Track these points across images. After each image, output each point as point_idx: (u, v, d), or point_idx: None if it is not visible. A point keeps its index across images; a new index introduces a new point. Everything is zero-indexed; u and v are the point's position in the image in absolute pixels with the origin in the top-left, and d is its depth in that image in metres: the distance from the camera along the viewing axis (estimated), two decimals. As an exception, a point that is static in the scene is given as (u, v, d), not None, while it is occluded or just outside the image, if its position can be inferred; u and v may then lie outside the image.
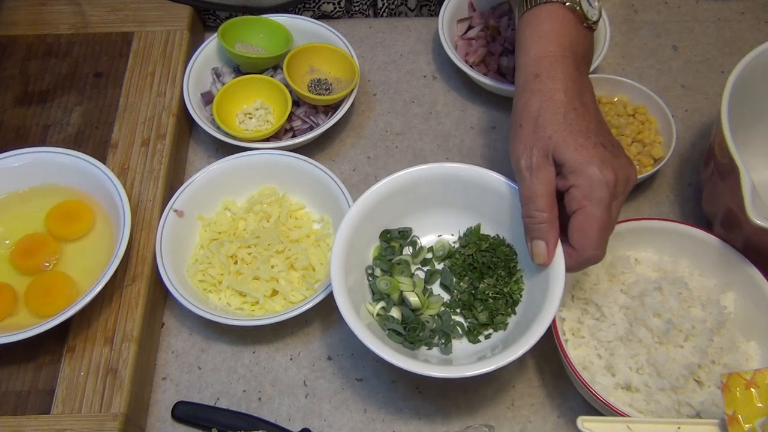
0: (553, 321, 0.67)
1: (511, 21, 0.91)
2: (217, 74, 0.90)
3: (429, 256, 0.76)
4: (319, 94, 0.86)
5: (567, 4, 0.69)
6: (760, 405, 0.56)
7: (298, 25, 0.91)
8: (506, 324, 0.71)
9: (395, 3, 1.00)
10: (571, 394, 0.72)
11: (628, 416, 0.64)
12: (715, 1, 0.99)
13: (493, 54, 0.89)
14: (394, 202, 0.73)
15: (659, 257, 0.74)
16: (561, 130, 0.64)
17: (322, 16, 0.97)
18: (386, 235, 0.74)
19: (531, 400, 0.72)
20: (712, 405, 0.66)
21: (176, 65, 0.88)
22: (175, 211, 0.77)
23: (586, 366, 0.69)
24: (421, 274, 0.75)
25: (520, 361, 0.74)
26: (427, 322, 0.71)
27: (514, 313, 0.71)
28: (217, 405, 0.72)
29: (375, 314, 0.71)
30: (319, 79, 0.87)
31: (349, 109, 0.86)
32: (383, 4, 0.99)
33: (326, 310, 0.77)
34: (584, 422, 0.59)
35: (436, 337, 0.71)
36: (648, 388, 0.67)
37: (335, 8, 0.97)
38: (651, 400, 0.66)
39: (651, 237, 0.74)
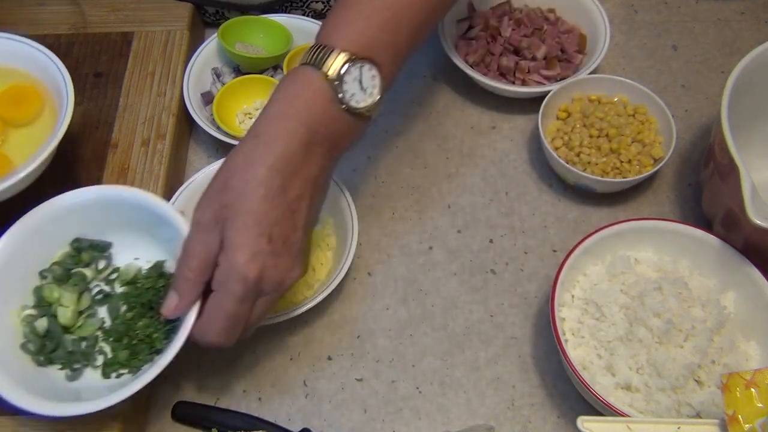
0: (554, 321, 0.67)
1: (512, 21, 0.91)
2: (217, 74, 0.90)
3: (114, 276, 0.72)
4: None
5: (328, 77, 0.62)
6: (760, 405, 0.56)
7: (298, 25, 0.91)
8: (138, 368, 0.67)
9: None
10: (571, 394, 0.72)
11: (628, 416, 0.64)
12: (715, 1, 0.99)
13: (493, 54, 0.89)
14: (97, 213, 0.70)
15: (659, 257, 0.74)
16: (239, 205, 0.60)
17: (313, 15, 0.97)
18: (77, 243, 0.71)
19: (531, 400, 0.72)
20: (712, 405, 0.66)
21: (176, 65, 0.88)
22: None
23: (586, 366, 0.69)
24: (98, 293, 0.71)
25: (520, 362, 0.74)
26: (70, 342, 0.68)
27: (149, 361, 0.67)
28: (217, 405, 0.72)
29: (21, 319, 0.68)
30: None
31: (349, 109, 0.86)
32: None
33: (327, 310, 0.77)
34: (584, 422, 0.59)
35: (74, 360, 0.67)
36: (648, 388, 0.67)
37: (325, 7, 0.97)
38: (651, 400, 0.66)
39: (651, 237, 0.74)
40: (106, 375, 0.67)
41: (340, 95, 0.62)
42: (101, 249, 0.72)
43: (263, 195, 0.60)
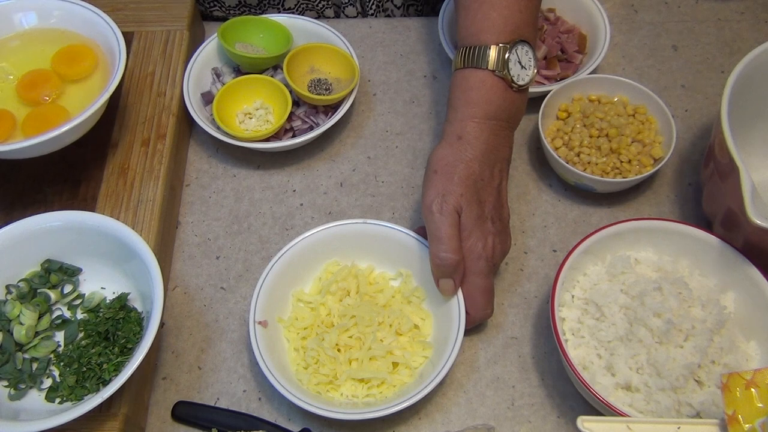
0: (554, 321, 0.67)
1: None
2: (217, 74, 0.90)
3: (77, 302, 0.73)
4: (319, 94, 0.86)
5: (496, 72, 0.72)
6: (760, 405, 0.56)
7: (298, 25, 0.91)
8: (81, 398, 0.67)
9: (381, 2, 0.99)
10: (571, 394, 0.72)
11: (628, 416, 0.64)
12: (715, 1, 0.99)
13: (493, 54, 0.89)
14: (69, 237, 0.72)
15: (659, 257, 0.74)
16: (468, 194, 0.70)
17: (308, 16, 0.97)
18: (47, 264, 0.73)
19: (531, 400, 0.72)
20: (712, 405, 0.66)
21: (176, 65, 0.88)
22: (259, 322, 0.71)
23: (586, 366, 0.69)
24: (58, 317, 0.72)
25: (520, 362, 0.74)
26: (21, 361, 0.68)
27: (96, 391, 0.66)
28: (217, 405, 0.72)
29: None
30: (319, 79, 0.87)
31: (349, 109, 0.86)
32: (371, 4, 0.99)
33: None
34: (584, 422, 0.59)
35: (20, 380, 0.68)
36: (648, 388, 0.67)
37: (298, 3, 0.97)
38: (651, 400, 0.66)
39: (651, 237, 0.74)
40: (49, 399, 0.67)
41: (512, 80, 0.72)
42: (70, 273, 0.74)
43: (480, 186, 0.71)
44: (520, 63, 0.73)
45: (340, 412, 0.66)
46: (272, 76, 0.88)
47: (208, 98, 0.88)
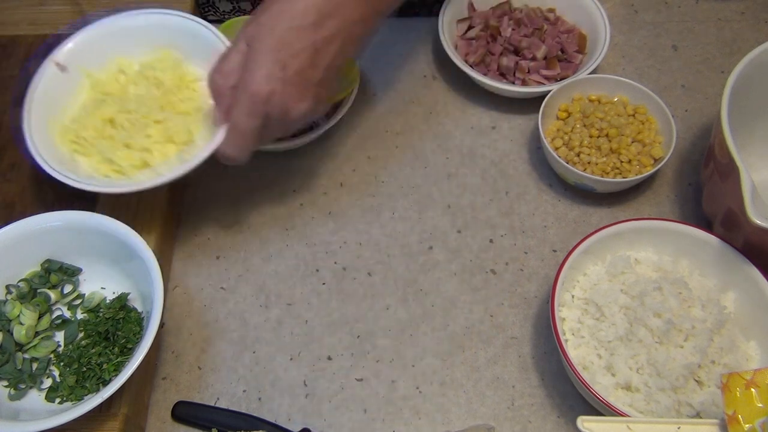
0: (554, 321, 0.67)
1: (512, 21, 0.91)
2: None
3: (77, 302, 0.73)
4: None
5: None
6: (760, 405, 0.56)
7: None
8: (81, 398, 0.67)
9: None
10: (571, 394, 0.72)
11: (628, 416, 0.64)
12: (715, 1, 0.99)
13: (493, 54, 0.89)
14: (69, 237, 0.72)
15: (659, 257, 0.74)
16: (267, 30, 0.63)
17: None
18: (47, 264, 0.73)
19: (531, 400, 0.72)
20: (712, 405, 0.66)
21: (176, 65, 0.88)
22: (57, 64, 0.69)
23: (586, 366, 0.69)
24: (58, 317, 0.72)
25: (520, 362, 0.74)
26: (21, 360, 0.68)
27: (96, 391, 0.66)
28: (217, 405, 0.73)
29: None
30: None
31: (349, 109, 0.86)
32: None
33: (327, 310, 0.77)
34: (584, 422, 0.59)
35: (21, 380, 0.68)
36: (648, 388, 0.67)
37: None
38: (651, 400, 0.66)
39: (651, 237, 0.74)
40: (49, 399, 0.67)
41: None
42: (70, 273, 0.74)
43: (291, 26, 0.63)
44: None
45: (56, 171, 0.67)
46: None
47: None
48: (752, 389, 0.57)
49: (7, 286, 0.72)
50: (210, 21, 0.98)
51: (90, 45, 0.73)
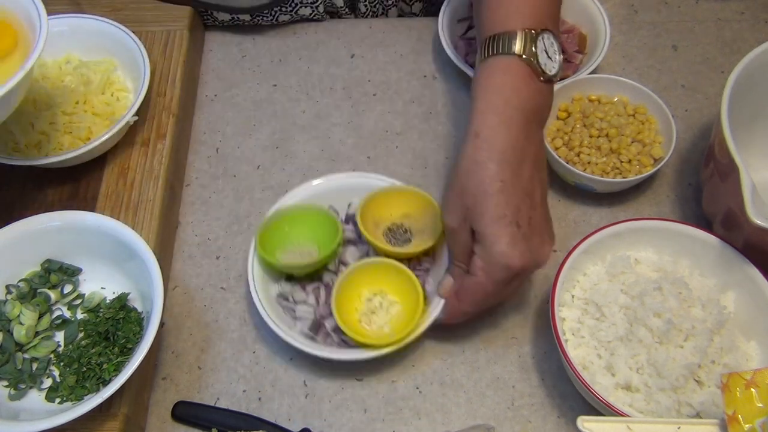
0: (554, 321, 0.67)
1: (511, 21, 0.91)
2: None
3: (77, 302, 0.73)
4: (397, 246, 0.75)
5: (523, 57, 0.67)
6: (760, 405, 0.56)
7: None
8: (81, 398, 0.67)
9: (375, 5, 0.99)
10: (571, 394, 0.72)
11: (628, 416, 0.64)
12: (715, 1, 0.99)
13: (493, 54, 0.89)
14: (68, 237, 0.72)
15: (659, 257, 0.74)
16: (482, 203, 0.64)
17: (301, 20, 0.97)
18: (47, 264, 0.73)
19: (531, 400, 0.72)
20: (712, 405, 0.66)
21: (176, 65, 0.88)
22: None
23: (586, 366, 0.69)
24: (58, 317, 0.72)
25: (520, 362, 0.74)
26: (22, 360, 0.68)
27: (96, 391, 0.66)
28: (217, 405, 0.73)
29: None
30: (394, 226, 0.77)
31: (349, 109, 0.86)
32: (366, 9, 0.99)
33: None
34: (584, 422, 0.59)
35: (21, 380, 0.68)
36: (648, 388, 0.67)
37: (313, 11, 0.96)
38: (651, 400, 0.66)
39: (651, 237, 0.74)
40: (49, 399, 0.67)
41: (540, 69, 0.67)
42: (70, 273, 0.74)
43: (499, 189, 0.64)
44: (546, 53, 0.68)
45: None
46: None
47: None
48: (752, 389, 0.57)
49: (7, 286, 0.72)
50: (208, 27, 0.98)
51: (52, 37, 0.73)
